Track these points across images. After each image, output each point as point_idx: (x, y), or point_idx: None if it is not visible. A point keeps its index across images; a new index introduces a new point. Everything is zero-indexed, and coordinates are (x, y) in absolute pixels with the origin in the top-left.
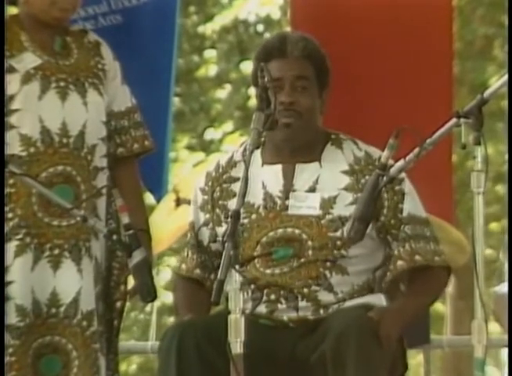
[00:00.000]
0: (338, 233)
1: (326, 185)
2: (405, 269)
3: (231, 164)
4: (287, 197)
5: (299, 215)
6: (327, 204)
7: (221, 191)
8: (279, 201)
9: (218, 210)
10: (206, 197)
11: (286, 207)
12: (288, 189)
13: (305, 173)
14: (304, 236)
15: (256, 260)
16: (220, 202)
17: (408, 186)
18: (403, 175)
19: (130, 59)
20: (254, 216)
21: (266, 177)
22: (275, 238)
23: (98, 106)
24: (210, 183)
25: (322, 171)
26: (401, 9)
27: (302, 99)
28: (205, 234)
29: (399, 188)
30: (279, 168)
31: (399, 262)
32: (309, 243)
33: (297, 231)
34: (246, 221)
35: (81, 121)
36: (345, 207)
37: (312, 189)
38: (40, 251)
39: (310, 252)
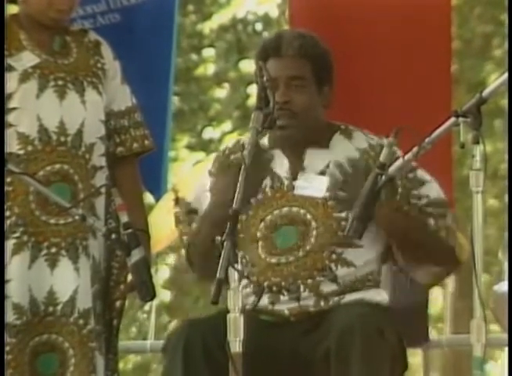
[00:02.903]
0: (343, 214)
1: (335, 170)
2: None
3: (238, 146)
4: (295, 178)
5: (306, 196)
6: (335, 187)
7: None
8: (286, 182)
9: None
10: (213, 179)
11: (293, 188)
12: (297, 170)
13: (316, 157)
14: (309, 216)
15: (260, 249)
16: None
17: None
18: (413, 164)
19: (129, 58)
20: (260, 196)
21: (273, 159)
22: (279, 216)
23: (96, 105)
24: (217, 165)
25: (332, 158)
26: (399, 9)
27: (297, 98)
28: None
29: (413, 175)
30: (281, 151)
31: None
32: (313, 224)
33: (302, 211)
34: (252, 201)
35: (79, 120)
36: (353, 191)
37: (323, 173)
38: (37, 249)
39: (314, 233)
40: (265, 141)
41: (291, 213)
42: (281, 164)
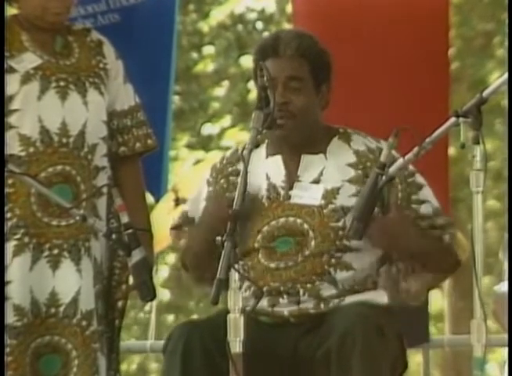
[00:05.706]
0: (340, 223)
1: (330, 177)
2: None
3: (236, 156)
4: (291, 187)
5: (301, 205)
6: (330, 194)
7: (227, 183)
8: (282, 191)
9: None
10: (211, 188)
11: (289, 197)
12: (292, 179)
13: (311, 164)
14: (306, 226)
15: (260, 254)
16: (227, 195)
17: (421, 179)
18: (412, 168)
19: (128, 57)
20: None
21: (269, 168)
22: (276, 227)
23: (98, 106)
24: (214, 174)
25: (327, 164)
26: (399, 8)
27: (296, 99)
28: None
29: (412, 180)
30: (279, 158)
31: None
32: (311, 234)
33: (298, 221)
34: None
35: (81, 121)
36: (348, 197)
37: (317, 181)
38: (39, 250)
39: (312, 243)
40: (262, 150)
41: (288, 223)
42: (277, 173)
